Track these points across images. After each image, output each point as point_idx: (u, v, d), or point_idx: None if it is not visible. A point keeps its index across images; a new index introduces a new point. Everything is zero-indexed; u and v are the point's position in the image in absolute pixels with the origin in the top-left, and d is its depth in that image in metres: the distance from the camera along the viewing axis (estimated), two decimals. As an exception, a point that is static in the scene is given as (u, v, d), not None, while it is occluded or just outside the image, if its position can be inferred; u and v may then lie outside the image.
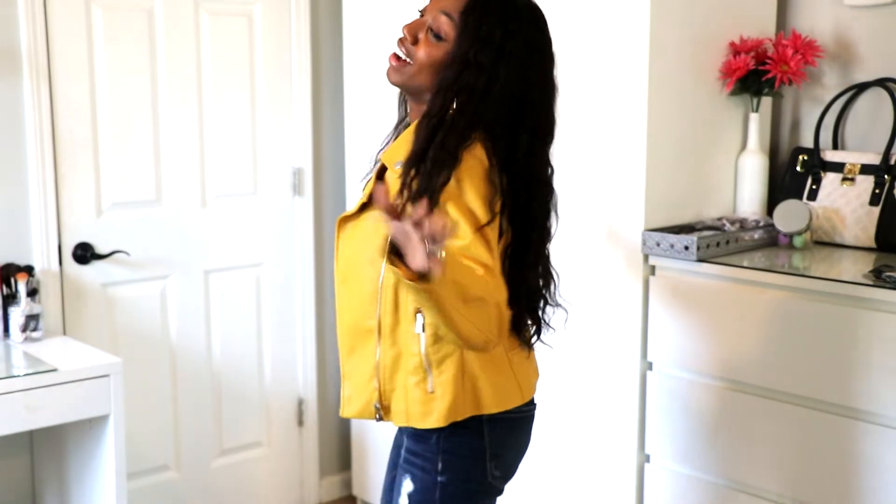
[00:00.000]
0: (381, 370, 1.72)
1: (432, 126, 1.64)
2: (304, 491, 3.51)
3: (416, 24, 1.70)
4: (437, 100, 1.66)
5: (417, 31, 1.69)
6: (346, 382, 1.79)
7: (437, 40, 1.67)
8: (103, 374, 2.49)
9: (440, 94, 1.65)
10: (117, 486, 2.52)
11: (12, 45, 2.71)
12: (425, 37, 1.68)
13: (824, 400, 2.23)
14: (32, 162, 2.77)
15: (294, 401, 3.45)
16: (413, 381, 1.70)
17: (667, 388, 2.49)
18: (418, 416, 1.71)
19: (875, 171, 2.54)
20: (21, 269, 2.71)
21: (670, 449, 2.51)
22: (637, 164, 2.46)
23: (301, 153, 3.34)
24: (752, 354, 2.33)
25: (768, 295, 2.30)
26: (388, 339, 1.71)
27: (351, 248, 1.75)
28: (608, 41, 2.49)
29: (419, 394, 1.70)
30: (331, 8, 3.36)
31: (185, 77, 3.05)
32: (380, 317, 1.70)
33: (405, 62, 1.70)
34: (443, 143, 1.61)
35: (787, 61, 2.58)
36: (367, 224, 1.71)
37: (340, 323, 1.78)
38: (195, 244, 3.14)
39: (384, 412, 1.74)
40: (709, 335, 2.41)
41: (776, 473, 2.32)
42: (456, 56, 1.65)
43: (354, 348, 1.76)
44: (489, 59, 1.64)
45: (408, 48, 1.69)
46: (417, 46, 1.68)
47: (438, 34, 1.67)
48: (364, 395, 1.75)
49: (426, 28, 1.68)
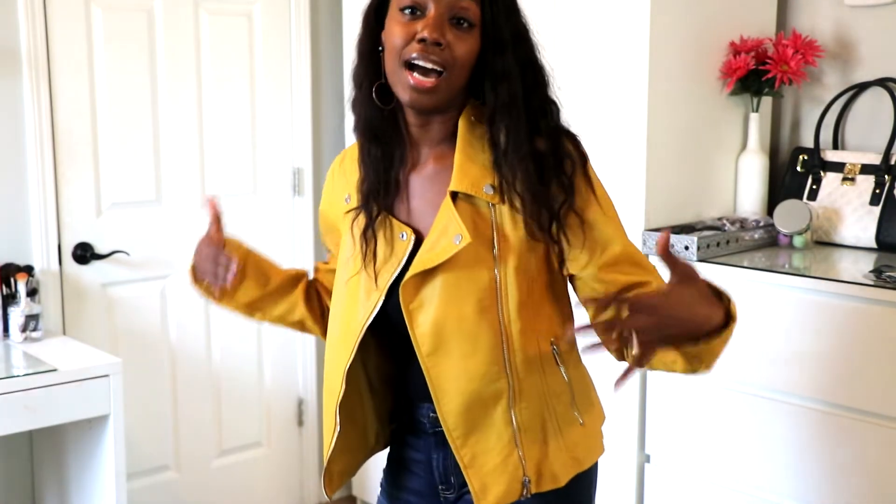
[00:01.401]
0: (525, 433, 1.43)
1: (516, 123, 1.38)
2: (303, 491, 3.51)
3: (435, 21, 1.36)
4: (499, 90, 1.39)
5: (443, 28, 1.36)
6: (470, 472, 1.43)
7: (468, 29, 1.38)
8: (103, 374, 2.49)
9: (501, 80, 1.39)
10: (117, 486, 2.52)
11: (12, 45, 2.71)
12: (451, 32, 1.37)
13: (824, 400, 2.23)
14: (32, 162, 2.77)
15: (294, 401, 3.45)
16: (567, 421, 1.47)
17: (667, 388, 2.49)
18: (584, 456, 1.49)
19: (875, 171, 2.54)
20: (21, 269, 2.71)
21: (670, 449, 2.51)
22: (637, 164, 2.46)
23: (301, 153, 3.34)
24: (752, 354, 2.33)
25: (768, 295, 2.29)
26: (529, 393, 1.43)
27: (443, 309, 1.40)
28: (608, 41, 2.49)
29: (573, 432, 1.48)
30: (331, 8, 3.36)
31: (184, 77, 3.05)
32: (510, 371, 1.42)
33: (439, 76, 1.37)
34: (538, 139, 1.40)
35: (787, 61, 2.58)
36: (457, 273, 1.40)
37: (448, 405, 1.42)
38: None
39: (536, 483, 1.44)
40: (709, 335, 2.40)
41: (776, 473, 2.32)
42: (497, 36, 1.39)
43: (476, 426, 1.42)
44: (524, 27, 1.43)
45: (439, 55, 1.36)
46: (448, 47, 1.37)
47: (466, 22, 1.38)
48: (504, 476, 1.43)
49: (446, 22, 1.37)
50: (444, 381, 1.42)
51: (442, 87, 1.37)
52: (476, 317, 1.40)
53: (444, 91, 1.38)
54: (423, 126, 1.45)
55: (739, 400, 2.37)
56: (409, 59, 1.37)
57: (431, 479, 1.55)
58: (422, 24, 1.36)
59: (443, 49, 1.36)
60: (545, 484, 1.45)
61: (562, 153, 1.42)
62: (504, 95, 1.39)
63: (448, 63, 1.37)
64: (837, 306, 2.18)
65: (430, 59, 1.36)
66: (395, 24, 1.39)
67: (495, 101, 1.39)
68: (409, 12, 1.38)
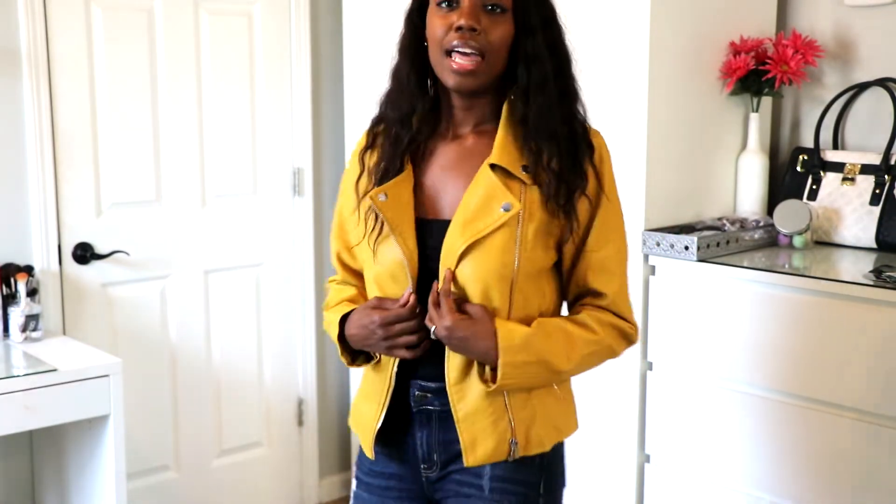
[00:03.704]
0: (515, 398, 1.53)
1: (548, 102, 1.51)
2: (303, 491, 3.51)
3: (469, 10, 1.47)
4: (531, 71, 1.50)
5: (478, 15, 1.47)
6: (462, 426, 1.52)
7: (502, 14, 1.49)
8: (103, 374, 2.49)
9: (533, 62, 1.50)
10: (117, 486, 2.52)
11: (12, 45, 2.71)
12: (486, 18, 1.48)
13: (824, 400, 2.23)
14: (32, 162, 2.77)
15: (294, 401, 3.45)
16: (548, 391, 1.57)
17: (667, 388, 2.49)
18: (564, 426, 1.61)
19: (875, 171, 2.54)
20: (21, 269, 2.71)
21: (670, 449, 2.51)
22: (637, 164, 2.46)
23: (301, 153, 3.34)
24: (752, 354, 2.33)
25: (768, 295, 2.30)
26: None
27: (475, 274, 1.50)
28: (608, 41, 2.49)
29: (553, 403, 1.59)
30: (331, 8, 3.36)
31: (184, 77, 3.05)
32: None
33: (479, 59, 1.48)
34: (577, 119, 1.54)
35: (787, 61, 2.58)
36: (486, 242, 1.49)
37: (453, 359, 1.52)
38: (195, 244, 3.14)
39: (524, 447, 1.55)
40: (709, 335, 2.41)
41: (776, 473, 2.32)
42: (527, 20, 1.50)
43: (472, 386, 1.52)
44: (553, 11, 1.55)
45: (477, 40, 1.47)
46: (484, 32, 1.47)
47: (499, 7, 1.48)
48: (494, 436, 1.53)
49: (480, 10, 1.48)
50: None
51: (482, 69, 1.49)
52: (496, 282, 1.49)
53: (484, 73, 1.49)
54: (468, 108, 1.56)
55: (739, 400, 2.37)
56: (450, 47, 1.48)
57: (414, 460, 1.60)
58: (458, 14, 1.48)
59: (479, 34, 1.47)
60: (532, 448, 1.55)
61: (588, 141, 1.55)
62: (536, 76, 1.50)
63: (485, 47, 1.48)
64: (837, 306, 2.18)
65: (469, 45, 1.47)
66: (435, 18, 1.51)
67: (528, 81, 1.51)
68: (446, 5, 1.50)
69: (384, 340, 1.51)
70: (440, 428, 1.56)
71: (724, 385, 2.40)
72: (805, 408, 2.26)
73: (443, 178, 1.56)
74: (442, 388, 1.53)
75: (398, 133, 1.57)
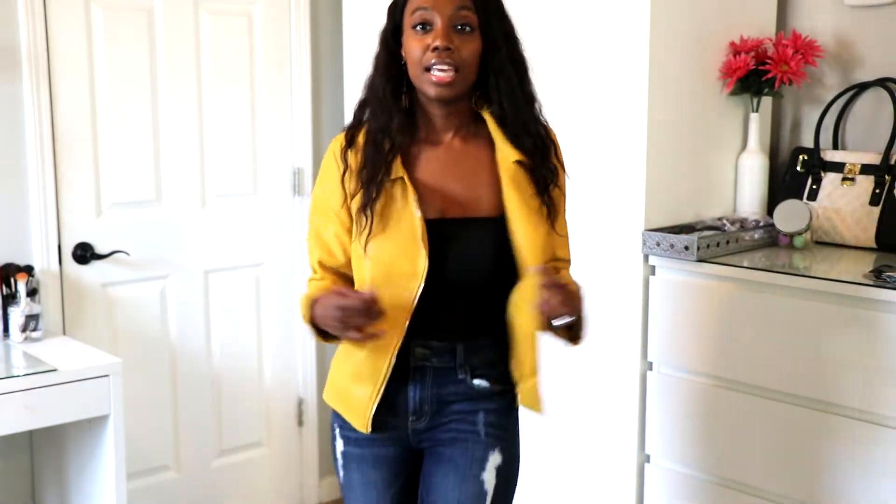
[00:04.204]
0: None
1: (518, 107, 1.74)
2: (303, 491, 3.51)
3: (443, 32, 1.68)
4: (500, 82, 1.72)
5: (450, 36, 1.68)
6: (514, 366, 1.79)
7: (471, 33, 1.69)
8: (103, 375, 2.49)
9: (500, 74, 1.72)
10: (117, 486, 2.52)
11: (12, 45, 2.71)
12: (457, 37, 1.68)
13: (824, 400, 2.23)
14: (32, 162, 2.77)
15: (294, 401, 3.45)
16: None
17: (667, 388, 2.49)
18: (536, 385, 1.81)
19: (875, 171, 2.54)
20: (21, 269, 2.71)
21: (670, 449, 2.51)
22: (637, 164, 2.46)
23: (301, 153, 3.34)
24: (752, 354, 2.33)
25: (768, 295, 2.30)
26: None
27: None
28: (608, 41, 2.49)
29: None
30: (331, 8, 3.36)
31: (184, 77, 3.05)
32: None
33: (454, 73, 1.68)
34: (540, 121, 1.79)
35: (787, 61, 2.58)
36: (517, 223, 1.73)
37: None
38: (195, 244, 3.14)
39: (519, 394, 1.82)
40: (709, 335, 2.41)
41: (776, 473, 2.32)
42: (492, 37, 1.71)
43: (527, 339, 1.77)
44: (512, 27, 1.76)
45: (451, 57, 1.68)
46: (457, 49, 1.68)
47: (468, 26, 1.69)
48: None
49: (452, 30, 1.68)
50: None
51: (457, 80, 1.69)
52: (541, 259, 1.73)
53: (460, 84, 1.70)
54: (447, 116, 1.76)
55: (739, 400, 2.37)
56: (428, 64, 1.68)
57: (404, 414, 1.78)
58: (432, 36, 1.68)
59: (453, 52, 1.67)
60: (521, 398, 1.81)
61: (550, 138, 1.81)
62: (504, 86, 1.73)
63: (459, 63, 1.68)
64: (837, 306, 2.18)
65: (445, 62, 1.67)
66: (412, 41, 1.71)
67: (499, 90, 1.73)
68: (421, 28, 1.70)
69: (338, 322, 1.63)
70: (434, 383, 1.76)
71: (724, 385, 2.40)
72: (805, 408, 2.26)
73: (442, 179, 1.75)
74: (443, 348, 1.74)
75: (379, 141, 1.73)
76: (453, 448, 1.78)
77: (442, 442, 1.79)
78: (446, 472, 1.79)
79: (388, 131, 1.73)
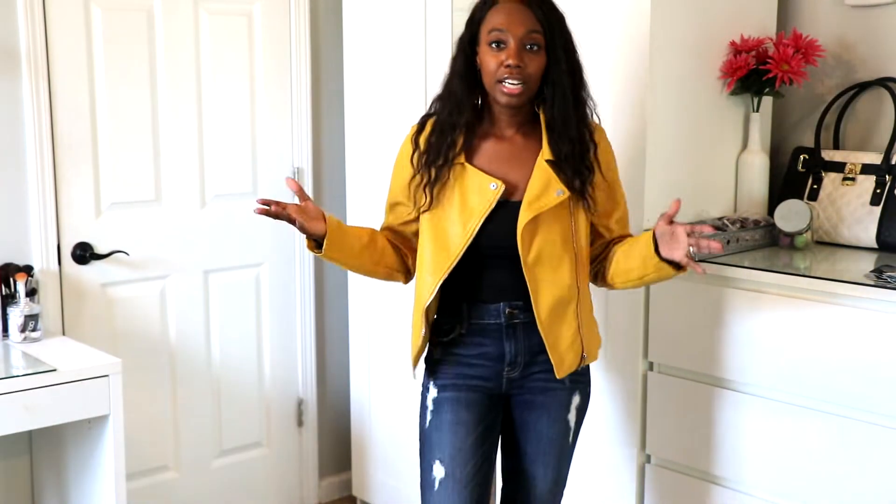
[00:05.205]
0: (582, 327, 2.11)
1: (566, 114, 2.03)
2: (303, 491, 3.51)
3: (515, 52, 1.97)
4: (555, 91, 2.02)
5: (521, 55, 1.98)
6: (552, 350, 2.07)
7: (538, 51, 1.99)
8: (102, 375, 2.49)
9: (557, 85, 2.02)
10: (117, 486, 2.52)
11: (12, 45, 2.71)
12: (527, 55, 1.98)
13: (824, 399, 2.22)
14: (32, 162, 2.77)
15: (294, 401, 3.45)
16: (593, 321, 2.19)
17: (667, 388, 2.49)
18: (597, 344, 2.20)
19: (876, 171, 2.53)
20: (20, 269, 2.71)
21: (670, 449, 2.51)
22: (637, 164, 2.46)
23: (301, 153, 3.34)
24: (752, 355, 2.33)
25: (769, 295, 2.29)
26: (584, 299, 2.12)
27: (542, 237, 2.03)
28: (608, 41, 2.49)
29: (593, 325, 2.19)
30: (331, 8, 3.36)
31: (184, 77, 3.05)
32: (579, 284, 2.09)
33: (522, 86, 1.99)
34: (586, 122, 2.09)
35: (787, 61, 2.58)
36: (550, 214, 2.03)
37: (543, 302, 2.05)
38: (194, 244, 3.14)
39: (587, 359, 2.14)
40: (709, 335, 2.40)
41: (776, 474, 2.32)
42: (555, 54, 2.01)
43: (557, 319, 2.07)
44: (571, 41, 2.05)
45: (521, 73, 1.98)
46: (525, 66, 1.98)
47: (536, 46, 1.99)
48: (571, 353, 2.09)
49: (523, 49, 1.98)
50: (541, 285, 2.05)
51: (524, 92, 2.01)
52: (561, 244, 2.05)
53: (525, 94, 2.02)
54: (512, 115, 2.08)
55: (739, 400, 2.37)
56: (501, 78, 2.00)
57: (498, 366, 2.11)
58: (506, 54, 1.98)
59: (522, 69, 1.98)
60: (590, 359, 2.16)
61: (592, 139, 2.09)
62: (559, 95, 2.03)
63: (527, 78, 2.00)
64: (838, 306, 2.18)
65: (516, 77, 1.99)
66: (488, 56, 2.01)
67: (553, 98, 2.03)
68: (496, 45, 2.00)
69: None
70: (525, 336, 2.09)
71: (724, 385, 2.40)
72: (805, 407, 2.26)
73: (499, 168, 2.06)
74: (526, 306, 2.06)
75: (447, 130, 2.07)
76: (544, 396, 2.14)
77: (532, 390, 2.13)
78: (539, 416, 2.15)
79: (457, 125, 2.06)
